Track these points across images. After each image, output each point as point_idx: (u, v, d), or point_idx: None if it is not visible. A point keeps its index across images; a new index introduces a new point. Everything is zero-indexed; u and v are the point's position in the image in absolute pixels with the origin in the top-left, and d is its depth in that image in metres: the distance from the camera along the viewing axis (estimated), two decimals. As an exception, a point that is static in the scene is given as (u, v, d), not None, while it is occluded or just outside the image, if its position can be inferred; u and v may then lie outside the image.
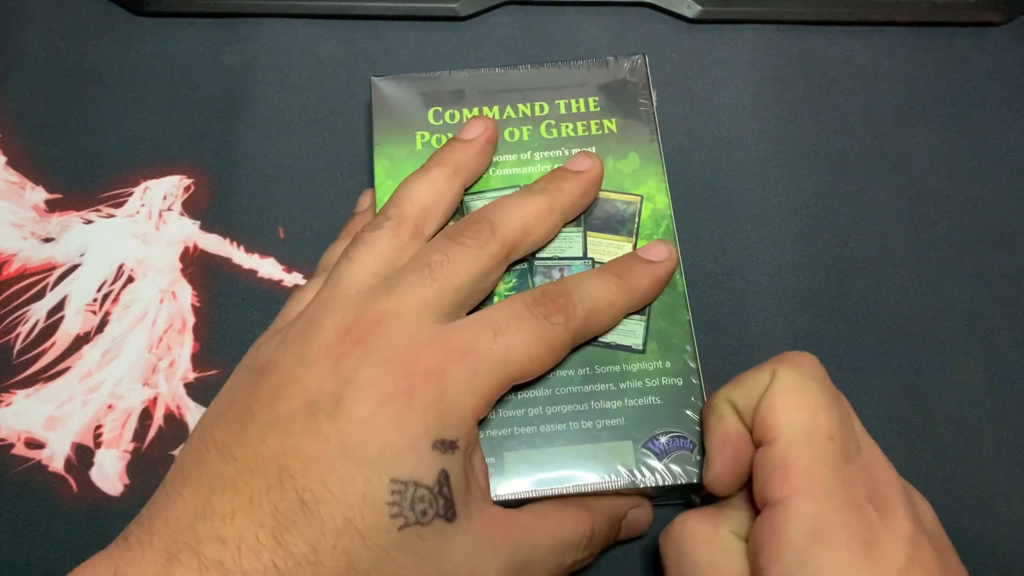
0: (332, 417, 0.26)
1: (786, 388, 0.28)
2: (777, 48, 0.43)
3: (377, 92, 0.37)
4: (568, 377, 0.32)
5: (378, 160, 0.36)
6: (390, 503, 0.26)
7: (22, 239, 0.39)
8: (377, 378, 0.27)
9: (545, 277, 0.33)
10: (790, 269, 0.39)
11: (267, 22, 0.43)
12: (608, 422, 0.32)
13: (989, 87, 0.43)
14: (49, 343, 0.37)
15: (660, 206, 0.35)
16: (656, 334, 0.33)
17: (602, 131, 0.36)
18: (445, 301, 0.29)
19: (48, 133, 0.41)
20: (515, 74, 0.37)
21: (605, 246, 0.34)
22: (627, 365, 0.32)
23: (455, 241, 0.30)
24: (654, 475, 0.31)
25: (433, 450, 0.27)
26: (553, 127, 0.36)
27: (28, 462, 0.35)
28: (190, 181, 0.40)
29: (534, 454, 0.31)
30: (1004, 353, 0.38)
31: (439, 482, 0.26)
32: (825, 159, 0.41)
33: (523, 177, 0.35)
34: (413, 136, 0.36)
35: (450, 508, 0.26)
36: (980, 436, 0.36)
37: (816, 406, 0.27)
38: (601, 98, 0.37)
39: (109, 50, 0.43)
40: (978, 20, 0.44)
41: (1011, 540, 0.34)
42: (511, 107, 0.37)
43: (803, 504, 0.26)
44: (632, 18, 0.44)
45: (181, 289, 0.38)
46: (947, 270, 0.39)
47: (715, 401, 0.30)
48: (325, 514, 0.25)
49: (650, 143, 0.36)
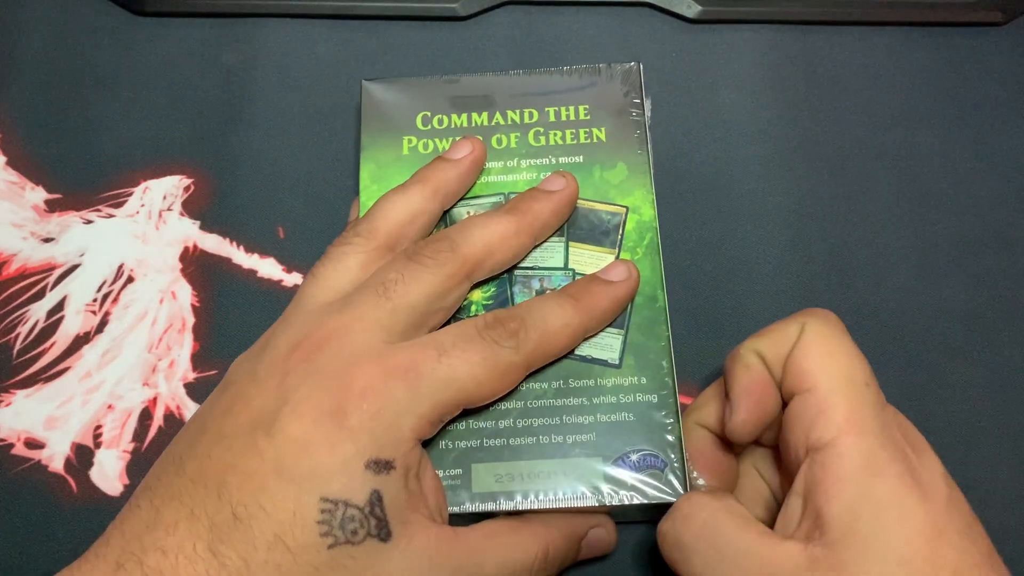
0: (268, 434, 0.27)
1: (820, 338, 0.29)
2: (777, 48, 0.43)
3: (367, 95, 0.37)
4: (541, 390, 0.32)
5: (364, 164, 0.36)
6: (320, 522, 0.26)
7: (22, 239, 0.39)
8: (313, 396, 0.27)
9: (524, 287, 0.33)
10: (790, 269, 0.39)
11: (267, 22, 0.43)
12: (579, 437, 0.31)
13: (989, 87, 0.43)
14: (49, 343, 0.37)
15: (646, 218, 0.35)
16: (633, 348, 0.32)
17: (591, 140, 0.36)
18: (398, 320, 0.29)
19: (48, 133, 0.41)
20: (506, 80, 0.37)
21: (587, 257, 0.34)
22: (602, 380, 0.32)
23: (412, 259, 0.30)
24: (623, 493, 0.30)
25: (366, 470, 0.27)
26: (542, 135, 0.36)
27: (28, 462, 0.35)
28: (190, 181, 0.40)
29: (502, 467, 0.31)
30: (1004, 353, 0.37)
31: (371, 502, 0.27)
32: (825, 159, 0.41)
33: (509, 184, 0.35)
34: (400, 141, 0.36)
35: (383, 528, 0.27)
36: (980, 436, 0.36)
37: (850, 355, 0.29)
38: (591, 106, 0.36)
39: (109, 50, 0.43)
40: (978, 20, 0.44)
41: (1011, 540, 0.34)
42: (500, 113, 0.36)
43: (853, 443, 0.27)
44: (632, 18, 0.44)
45: (181, 289, 0.38)
46: (947, 270, 0.39)
47: (741, 351, 0.30)
48: (257, 529, 0.26)
49: (639, 153, 0.36)
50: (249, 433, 0.27)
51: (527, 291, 0.33)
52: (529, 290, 0.33)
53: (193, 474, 0.27)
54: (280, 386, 0.28)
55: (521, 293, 0.33)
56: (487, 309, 0.33)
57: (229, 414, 0.28)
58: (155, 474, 0.28)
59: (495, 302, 0.33)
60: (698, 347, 0.37)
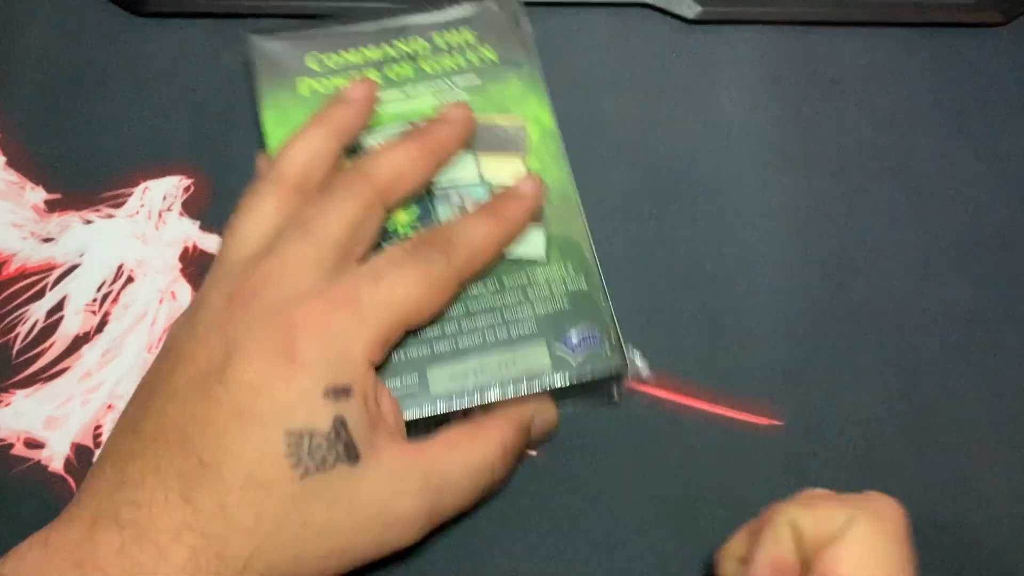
0: (221, 382, 0.27)
1: (861, 544, 0.26)
2: (777, 48, 0.43)
3: (255, 49, 0.38)
4: (479, 293, 0.33)
5: (266, 111, 0.37)
6: (287, 455, 0.26)
7: (22, 239, 0.39)
8: (259, 338, 0.28)
9: (445, 203, 0.35)
10: (790, 269, 0.39)
11: (267, 22, 0.43)
12: (521, 330, 0.33)
13: (989, 87, 0.43)
14: (48, 343, 0.37)
15: (547, 126, 0.37)
16: (556, 242, 0.35)
17: (483, 61, 0.38)
18: (325, 255, 0.30)
19: (48, 133, 0.41)
20: (390, 17, 0.39)
21: (498, 165, 0.36)
22: (533, 275, 0.34)
23: (327, 194, 0.31)
24: (570, 372, 0.32)
25: (325, 398, 0.27)
26: (435, 60, 0.38)
27: (28, 462, 0.35)
28: (190, 181, 0.40)
29: (456, 366, 0.32)
30: (1004, 353, 0.37)
31: (335, 428, 0.27)
32: (825, 159, 0.41)
33: (411, 113, 0.37)
34: (295, 83, 0.37)
35: (352, 451, 0.27)
36: (980, 436, 0.36)
37: (888, 570, 0.26)
38: (478, 30, 0.38)
39: (109, 50, 0.43)
40: (978, 20, 0.44)
41: (1011, 540, 0.34)
42: (388, 45, 0.38)
43: None
44: (632, 18, 0.44)
45: (181, 289, 0.38)
46: (947, 270, 0.39)
47: (777, 518, 0.28)
48: (227, 472, 0.26)
49: (529, 67, 0.38)
50: (201, 385, 0.27)
51: (448, 206, 0.35)
52: (450, 205, 0.35)
53: (152, 431, 0.27)
54: (223, 337, 0.28)
55: (443, 210, 0.35)
56: (414, 230, 0.34)
57: (176, 372, 0.28)
58: (112, 441, 0.29)
59: (420, 222, 0.35)
60: (698, 347, 0.37)
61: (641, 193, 0.40)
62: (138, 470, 0.27)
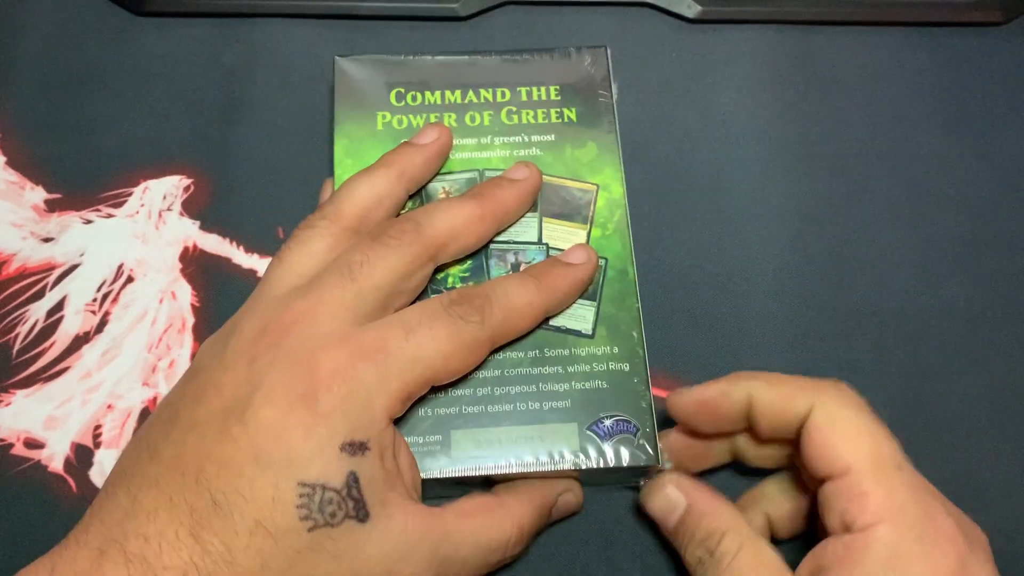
0: (241, 421, 0.27)
1: (840, 422, 0.28)
2: (777, 48, 0.43)
3: (340, 72, 0.37)
4: (517, 359, 0.33)
5: (338, 140, 0.36)
6: (299, 506, 0.26)
7: (22, 239, 0.39)
8: (284, 381, 0.27)
9: (500, 260, 0.34)
10: (790, 269, 0.39)
11: (267, 22, 0.43)
12: (555, 404, 0.32)
13: (989, 87, 0.43)
14: (49, 343, 0.37)
15: (615, 195, 0.36)
16: (605, 320, 0.33)
17: (562, 119, 0.37)
18: (363, 302, 0.29)
19: (48, 133, 0.41)
20: (479, 61, 0.38)
21: (560, 232, 0.35)
22: (576, 349, 0.33)
23: (377, 241, 0.31)
24: (598, 457, 0.31)
25: (341, 452, 0.27)
26: (514, 113, 0.37)
27: (28, 462, 0.35)
28: (190, 181, 0.40)
29: (481, 433, 0.31)
30: (1004, 353, 0.37)
31: (347, 484, 0.27)
32: (825, 159, 0.41)
33: (482, 161, 0.36)
34: (374, 116, 0.37)
35: (362, 509, 0.27)
36: (980, 436, 0.36)
37: (876, 436, 0.28)
38: (562, 87, 0.37)
39: (109, 50, 0.43)
40: (978, 20, 0.44)
41: (1011, 540, 0.34)
42: (473, 92, 0.37)
43: (885, 533, 0.26)
44: (632, 18, 0.44)
45: (181, 289, 0.38)
46: (947, 270, 0.39)
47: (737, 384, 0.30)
48: (237, 516, 0.26)
49: (608, 133, 0.37)
50: (222, 420, 0.27)
51: (503, 264, 0.34)
52: (505, 263, 0.34)
53: (169, 461, 0.27)
54: (249, 371, 0.28)
55: (497, 266, 0.34)
56: (463, 282, 0.34)
57: (200, 401, 0.28)
58: (129, 461, 0.28)
59: (471, 275, 0.34)
60: (698, 347, 0.37)
61: (641, 192, 0.40)
62: (152, 500, 0.26)
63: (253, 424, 0.27)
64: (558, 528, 0.34)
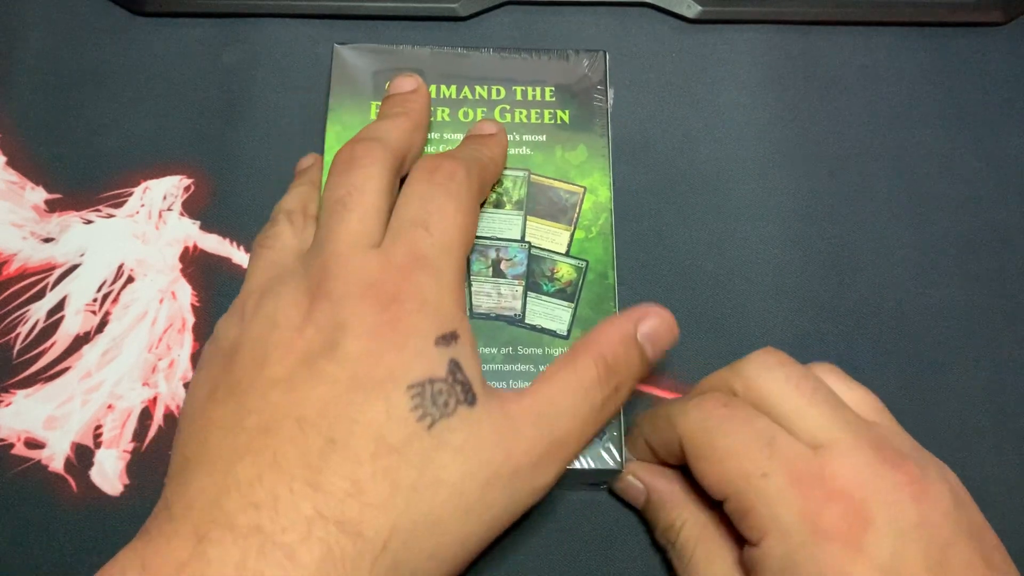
0: (332, 359, 0.27)
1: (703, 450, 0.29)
2: (777, 48, 0.43)
3: (339, 59, 0.38)
4: (491, 355, 0.33)
5: (330, 125, 0.36)
6: (413, 408, 0.26)
7: (22, 239, 0.39)
8: (358, 315, 0.27)
9: (481, 255, 0.35)
10: (790, 269, 0.39)
11: (267, 22, 0.43)
12: None
13: (989, 87, 0.43)
14: (49, 343, 0.37)
15: (602, 199, 0.36)
16: (581, 322, 0.34)
17: (554, 121, 0.37)
18: (369, 226, 0.30)
19: (48, 133, 0.41)
20: (476, 56, 0.38)
21: (544, 232, 0.35)
22: (550, 349, 0.33)
23: (349, 166, 0.31)
24: None
25: (436, 346, 0.27)
26: (507, 112, 0.37)
27: (28, 462, 0.35)
28: (190, 181, 0.40)
29: None
30: (1004, 353, 0.37)
31: (451, 371, 0.27)
32: (825, 159, 0.41)
33: None
34: (368, 106, 0.37)
35: (469, 392, 0.27)
36: (980, 436, 0.36)
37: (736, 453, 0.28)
38: (558, 89, 0.38)
39: (109, 50, 0.43)
40: (978, 20, 0.44)
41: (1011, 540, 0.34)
42: (468, 87, 0.38)
43: (771, 546, 0.27)
44: (632, 18, 0.44)
45: (181, 289, 0.38)
46: (947, 270, 0.39)
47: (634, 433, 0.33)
48: (355, 443, 0.25)
49: (600, 137, 0.37)
50: (307, 367, 0.27)
51: (483, 259, 0.35)
52: (486, 259, 0.35)
53: (257, 426, 0.26)
54: (312, 321, 0.28)
55: (477, 261, 0.34)
56: None
57: (267, 363, 0.27)
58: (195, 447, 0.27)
59: None
60: (698, 347, 0.37)
61: (641, 192, 0.40)
62: (249, 468, 0.25)
63: (344, 357, 0.27)
64: (558, 528, 0.34)
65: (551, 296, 0.34)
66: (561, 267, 0.35)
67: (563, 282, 0.34)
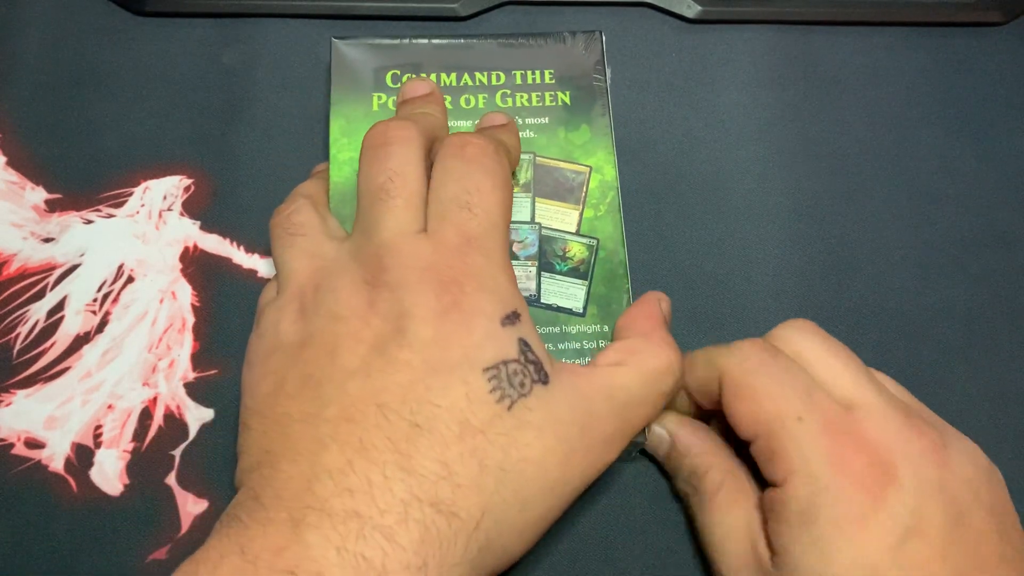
0: (403, 346, 0.27)
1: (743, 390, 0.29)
2: (777, 48, 0.43)
3: (337, 53, 0.38)
4: None
5: (334, 120, 0.37)
6: (491, 390, 0.27)
7: (22, 239, 0.39)
8: (420, 301, 0.28)
9: None
10: (790, 269, 0.39)
11: (267, 22, 0.43)
12: None
13: (989, 87, 0.43)
14: (49, 343, 0.37)
15: (608, 177, 0.36)
16: (596, 299, 0.34)
17: (556, 103, 0.38)
18: (415, 211, 0.30)
19: (48, 133, 0.41)
20: (475, 45, 0.38)
21: (553, 212, 0.36)
22: (567, 327, 0.34)
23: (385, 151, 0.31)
24: None
25: (503, 327, 0.28)
26: (508, 96, 0.38)
27: (28, 462, 0.35)
28: (190, 181, 0.40)
29: None
30: (1004, 353, 0.37)
31: (521, 351, 0.28)
32: (825, 159, 0.41)
33: None
34: (370, 98, 0.37)
35: (540, 370, 0.28)
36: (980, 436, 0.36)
37: (774, 395, 0.29)
38: (557, 71, 0.38)
39: (109, 50, 0.43)
40: (978, 20, 0.44)
41: (1011, 540, 0.34)
42: (468, 75, 0.38)
43: (796, 487, 0.27)
44: (632, 18, 0.44)
45: (181, 289, 0.38)
46: (947, 270, 0.39)
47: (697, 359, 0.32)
48: (441, 427, 0.26)
49: (601, 116, 0.37)
50: (380, 355, 0.27)
51: None
52: None
53: (338, 415, 0.26)
54: (376, 311, 0.28)
55: None
56: None
57: (338, 354, 0.27)
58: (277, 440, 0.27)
59: None
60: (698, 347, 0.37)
61: (641, 192, 0.40)
62: (338, 456, 0.25)
63: (414, 343, 0.27)
64: (558, 528, 0.34)
65: (564, 275, 0.35)
66: (572, 246, 0.35)
67: (575, 260, 0.35)
